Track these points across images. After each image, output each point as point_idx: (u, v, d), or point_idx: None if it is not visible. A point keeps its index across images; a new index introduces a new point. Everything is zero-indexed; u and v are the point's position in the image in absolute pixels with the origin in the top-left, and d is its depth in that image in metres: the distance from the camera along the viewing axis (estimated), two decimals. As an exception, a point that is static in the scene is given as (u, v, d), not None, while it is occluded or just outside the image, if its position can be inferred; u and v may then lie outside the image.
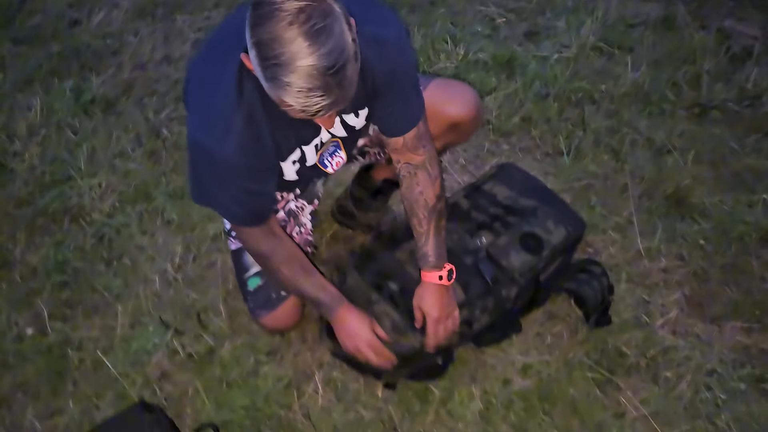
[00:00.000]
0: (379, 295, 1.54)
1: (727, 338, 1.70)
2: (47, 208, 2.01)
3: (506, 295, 1.59)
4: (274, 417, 1.55)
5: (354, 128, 1.38)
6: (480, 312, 1.57)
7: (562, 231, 1.68)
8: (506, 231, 1.66)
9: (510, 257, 1.61)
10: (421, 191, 1.39)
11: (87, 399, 1.59)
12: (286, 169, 1.34)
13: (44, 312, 1.75)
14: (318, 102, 0.95)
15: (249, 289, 1.59)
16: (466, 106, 1.51)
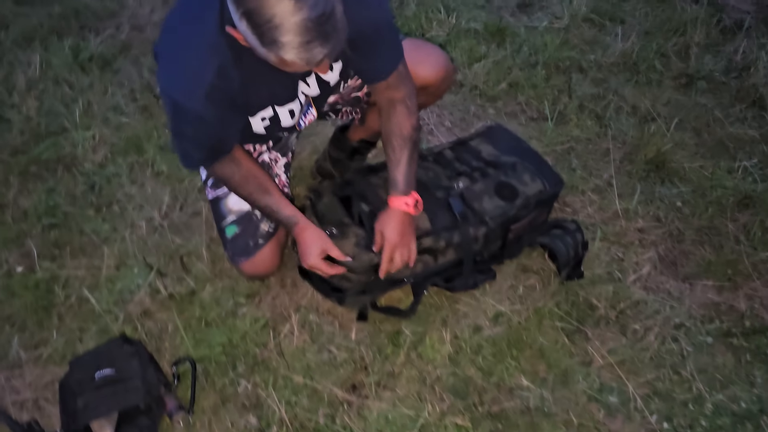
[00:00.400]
0: (350, 218, 1.60)
1: (698, 295, 1.73)
2: (41, 157, 2.07)
3: (474, 234, 1.63)
4: (249, 354, 1.60)
5: (328, 84, 1.43)
6: (445, 244, 1.61)
7: (538, 184, 1.72)
8: (483, 179, 1.71)
9: (483, 201, 1.66)
10: (397, 122, 1.45)
11: (71, 332, 1.64)
12: (254, 123, 1.40)
13: (33, 251, 1.80)
14: (319, 51, 1.00)
15: (227, 237, 1.63)
16: (436, 68, 1.56)
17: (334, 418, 1.49)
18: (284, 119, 1.43)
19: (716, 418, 1.49)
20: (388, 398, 1.52)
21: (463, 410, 1.50)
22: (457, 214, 1.62)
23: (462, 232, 1.62)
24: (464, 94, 2.29)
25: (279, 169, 1.67)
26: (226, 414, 1.50)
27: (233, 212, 1.63)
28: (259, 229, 1.63)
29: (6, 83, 2.31)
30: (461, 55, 2.40)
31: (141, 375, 1.46)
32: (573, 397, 1.53)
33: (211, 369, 1.57)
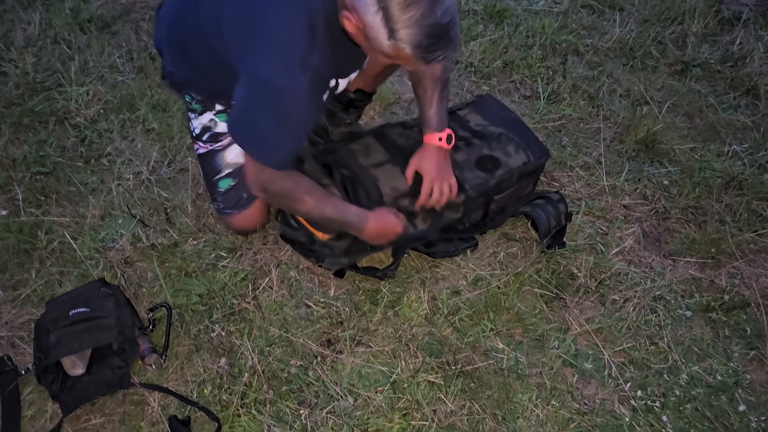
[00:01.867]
0: (330, 180, 1.61)
1: (680, 271, 1.73)
2: (34, 109, 2.08)
3: (453, 201, 1.63)
4: (227, 305, 1.60)
5: None
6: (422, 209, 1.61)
7: (522, 156, 1.72)
8: (467, 149, 1.72)
9: (463, 171, 1.67)
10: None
11: (51, 276, 1.65)
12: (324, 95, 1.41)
13: (19, 197, 1.81)
14: (440, 54, 1.09)
15: (220, 190, 1.64)
16: None
17: (306, 370, 1.49)
18: (340, 88, 1.46)
19: (690, 389, 1.49)
20: (362, 354, 1.52)
21: (436, 368, 1.49)
22: None
23: None
24: (459, 71, 2.30)
25: None
26: (198, 359, 1.49)
27: (230, 165, 1.64)
28: None
29: (5, 39, 2.33)
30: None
31: (116, 315, 1.46)
32: (548, 361, 1.52)
33: (188, 316, 1.57)
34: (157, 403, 1.43)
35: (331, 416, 1.41)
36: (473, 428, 1.40)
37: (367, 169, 1.63)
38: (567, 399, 1.46)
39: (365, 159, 1.65)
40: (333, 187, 1.57)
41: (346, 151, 1.66)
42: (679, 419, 1.43)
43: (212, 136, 1.65)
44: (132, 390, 1.45)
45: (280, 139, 1.29)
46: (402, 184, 1.60)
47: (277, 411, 1.42)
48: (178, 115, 2.07)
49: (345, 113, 1.86)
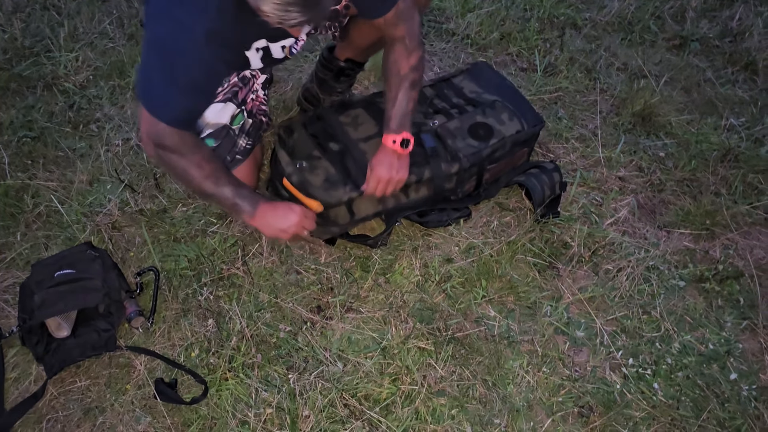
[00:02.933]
0: (320, 151, 1.58)
1: (674, 242, 1.71)
2: (22, 74, 2.04)
3: (446, 171, 1.61)
4: (215, 270, 1.58)
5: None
6: (416, 179, 1.58)
7: (515, 124, 1.70)
8: (460, 116, 1.69)
9: (456, 139, 1.64)
10: (394, 60, 1.45)
11: (36, 239, 1.62)
12: (251, 57, 1.39)
13: (5, 160, 1.78)
14: (296, 17, 1.03)
15: None
16: None
17: (296, 335, 1.47)
18: (276, 52, 1.43)
19: (682, 357, 1.48)
20: (352, 320, 1.51)
21: (427, 334, 1.48)
22: (428, 150, 1.60)
23: (433, 167, 1.59)
24: (455, 42, 2.27)
25: (258, 85, 1.65)
26: (186, 323, 1.48)
27: (210, 125, 1.60)
28: (236, 144, 1.61)
29: (-7, 5, 2.29)
30: (455, 5, 2.37)
31: (102, 277, 1.44)
32: (539, 329, 1.51)
33: (176, 281, 1.55)
34: (143, 366, 1.41)
35: (320, 380, 1.39)
36: (463, 394, 1.39)
37: (357, 143, 1.60)
38: (558, 366, 1.45)
39: (354, 131, 1.63)
40: (323, 159, 1.55)
41: (336, 122, 1.63)
42: (670, 387, 1.42)
43: None
44: (118, 353, 1.43)
45: (170, 94, 1.26)
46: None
47: (265, 375, 1.40)
48: (169, 82, 2.03)
49: (336, 82, 1.83)
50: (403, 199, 1.61)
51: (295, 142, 1.58)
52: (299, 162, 1.54)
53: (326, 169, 1.54)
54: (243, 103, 1.61)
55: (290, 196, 1.60)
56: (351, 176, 1.53)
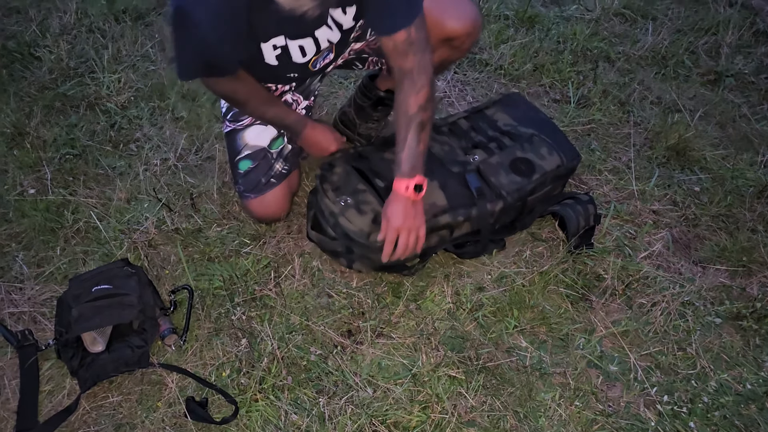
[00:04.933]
0: (366, 186, 1.58)
1: (710, 278, 1.69)
2: (66, 94, 2.10)
3: (491, 209, 1.61)
4: (248, 290, 1.59)
5: (341, 26, 1.42)
6: (462, 219, 1.59)
7: (555, 159, 1.70)
8: (500, 152, 1.69)
9: (499, 176, 1.64)
10: (402, 99, 1.40)
11: (75, 254, 1.65)
12: (265, 51, 1.39)
13: (48, 176, 1.82)
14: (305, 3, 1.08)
15: (240, 171, 1.64)
16: (464, 20, 1.52)
17: (326, 359, 1.47)
18: (294, 54, 1.43)
19: (719, 396, 1.44)
20: (382, 345, 1.50)
21: (457, 363, 1.47)
22: (474, 191, 1.60)
23: (479, 207, 1.60)
24: (488, 73, 2.29)
25: (299, 111, 1.67)
26: (218, 342, 1.48)
27: (249, 146, 1.64)
28: (272, 167, 1.64)
29: (41, 26, 2.37)
30: (489, 36, 2.40)
31: (138, 294, 1.46)
32: (572, 362, 1.49)
33: (209, 300, 1.57)
34: (174, 384, 1.42)
35: (350, 405, 1.39)
36: (494, 425, 1.37)
37: None
38: (591, 400, 1.43)
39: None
40: (368, 194, 1.56)
41: (381, 160, 1.64)
42: (706, 426, 1.39)
43: (234, 115, 1.66)
44: (150, 370, 1.44)
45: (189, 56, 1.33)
46: (439, 200, 1.57)
47: (295, 398, 1.40)
48: (207, 105, 2.08)
49: (373, 110, 1.85)
50: (447, 237, 1.62)
51: (338, 178, 1.59)
52: (344, 198, 1.55)
53: (374, 207, 1.54)
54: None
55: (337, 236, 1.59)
56: None
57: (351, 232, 1.54)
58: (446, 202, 1.58)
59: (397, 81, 1.42)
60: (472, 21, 1.54)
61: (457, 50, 1.61)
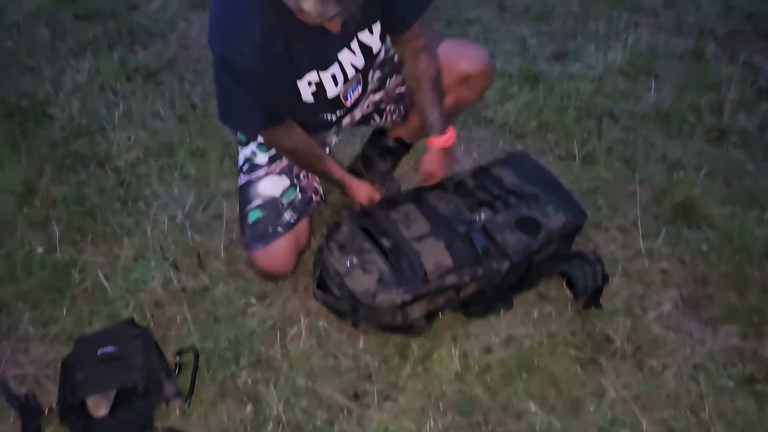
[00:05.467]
0: (372, 245, 1.59)
1: (721, 339, 1.66)
2: (77, 151, 2.14)
3: (497, 269, 1.61)
4: (254, 352, 1.58)
5: (371, 50, 1.50)
6: (468, 279, 1.58)
7: (561, 217, 1.70)
8: (505, 210, 1.69)
9: (505, 234, 1.64)
10: (426, 67, 1.56)
11: (81, 314, 1.65)
12: (302, 88, 1.45)
13: (56, 235, 1.83)
14: (333, 8, 1.12)
15: (248, 222, 1.66)
16: (477, 60, 1.65)
17: (332, 423, 1.45)
18: (329, 86, 1.49)
19: (735, 464, 1.41)
20: (389, 409, 1.48)
21: (466, 428, 1.44)
22: (480, 250, 1.60)
23: (485, 267, 1.59)
24: (494, 130, 2.32)
25: None
26: (223, 407, 1.46)
27: (260, 197, 1.66)
28: (281, 216, 1.66)
29: (54, 84, 2.42)
30: (493, 94, 2.44)
31: (143, 356, 1.45)
32: (582, 427, 1.46)
33: (214, 362, 1.55)
34: (178, 450, 1.39)
35: (356, 473, 1.36)
36: (504, 495, 1.34)
37: (410, 242, 1.59)
38: (603, 468, 1.39)
39: (407, 230, 1.62)
40: (374, 253, 1.56)
41: (387, 219, 1.64)
42: (723, 497, 1.35)
43: (251, 167, 1.69)
44: (154, 435, 1.42)
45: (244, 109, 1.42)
46: (446, 261, 1.57)
47: (300, 465, 1.37)
48: (216, 162, 2.11)
49: (381, 160, 1.88)
50: (454, 298, 1.61)
51: (344, 237, 1.60)
52: (349, 257, 1.56)
53: (379, 267, 1.54)
54: (297, 178, 1.68)
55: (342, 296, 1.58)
56: (405, 278, 1.53)
57: (357, 293, 1.54)
58: (452, 262, 1.58)
59: (411, 57, 1.58)
60: (485, 61, 1.68)
61: (472, 90, 1.71)
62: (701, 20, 2.97)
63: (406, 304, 1.54)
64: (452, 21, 2.97)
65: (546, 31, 2.91)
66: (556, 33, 2.89)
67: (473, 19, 2.99)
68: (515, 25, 2.95)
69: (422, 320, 1.61)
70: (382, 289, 1.52)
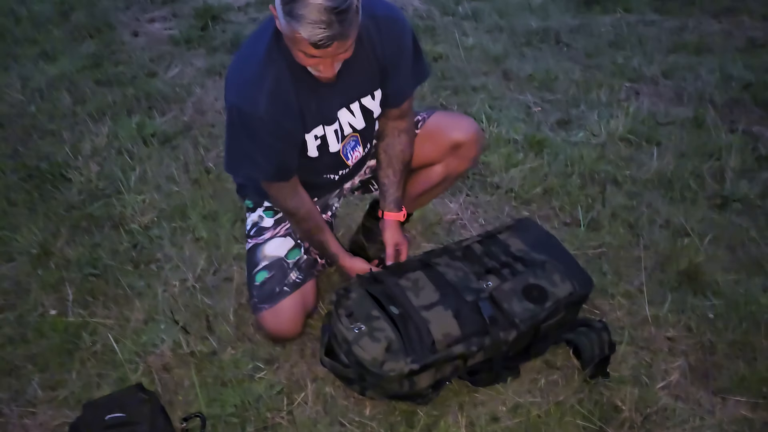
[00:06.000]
0: (380, 312, 1.60)
1: (730, 410, 1.65)
2: (93, 214, 2.19)
3: (504, 338, 1.61)
4: (260, 418, 1.58)
5: (372, 113, 1.58)
6: (476, 348, 1.59)
7: (568, 286, 1.72)
8: (513, 278, 1.71)
9: (512, 303, 1.65)
10: (402, 150, 1.69)
11: (90, 377, 1.66)
12: (309, 142, 1.53)
13: (69, 297, 1.87)
14: (322, 32, 1.19)
15: (256, 283, 1.69)
16: (467, 130, 1.74)
17: (338, 494, 1.44)
18: (331, 141, 1.57)
19: None
20: (396, 480, 1.46)
21: (473, 501, 1.42)
22: (487, 319, 1.61)
23: (492, 336, 1.60)
24: (499, 196, 2.36)
25: None
26: (228, 475, 1.46)
27: (267, 258, 1.71)
28: (287, 276, 1.69)
29: (74, 149, 2.51)
30: (499, 159, 2.50)
31: (150, 422, 1.45)
32: (592, 501, 1.44)
33: (220, 428, 1.55)
34: None
35: None
36: None
37: (419, 311, 1.61)
38: None
39: (416, 298, 1.63)
40: (382, 320, 1.58)
41: (395, 286, 1.66)
42: None
43: (258, 231, 1.75)
44: (158, 504, 1.40)
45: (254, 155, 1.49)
46: (454, 330, 1.58)
47: None
48: (227, 226, 2.15)
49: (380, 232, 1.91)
50: (462, 367, 1.62)
51: (354, 303, 1.62)
52: (357, 326, 1.57)
53: (387, 335, 1.55)
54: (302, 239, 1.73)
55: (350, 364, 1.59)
56: (413, 346, 1.54)
57: (364, 361, 1.54)
58: (460, 332, 1.59)
59: (392, 133, 1.68)
60: (474, 130, 1.77)
61: (464, 159, 1.78)
62: (700, 89, 3.06)
63: (413, 373, 1.54)
64: (458, 89, 3.07)
65: (550, 98, 3.00)
66: (560, 101, 2.97)
67: (479, 87, 3.09)
68: (520, 92, 3.04)
69: (429, 389, 1.61)
70: (390, 357, 1.52)
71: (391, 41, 1.48)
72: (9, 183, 2.33)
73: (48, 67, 3.19)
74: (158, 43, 3.59)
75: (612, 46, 3.60)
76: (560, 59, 3.45)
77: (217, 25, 3.83)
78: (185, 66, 3.25)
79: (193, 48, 3.54)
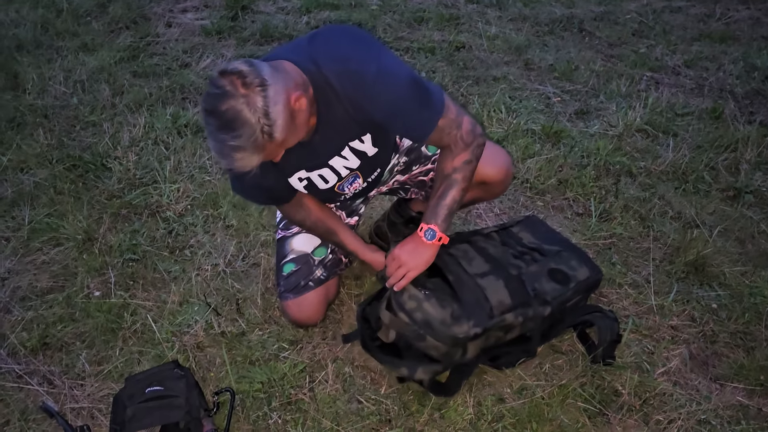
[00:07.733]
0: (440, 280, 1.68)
1: (727, 396, 1.74)
2: (132, 202, 2.35)
3: (541, 312, 1.70)
4: (285, 394, 1.72)
5: (365, 153, 1.60)
6: (522, 319, 1.67)
7: (585, 270, 1.80)
8: (535, 263, 1.80)
9: (542, 282, 1.75)
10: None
11: (131, 354, 1.83)
12: (294, 183, 1.62)
13: (112, 280, 2.03)
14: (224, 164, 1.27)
15: (283, 274, 1.82)
16: (500, 168, 1.77)
17: (354, 464, 1.57)
18: (318, 182, 1.63)
19: None
20: (407, 453, 1.60)
21: (477, 474, 1.55)
22: (531, 292, 1.70)
23: (534, 309, 1.69)
24: (515, 186, 2.45)
25: None
26: (255, 445, 1.61)
27: (294, 251, 1.83)
28: (312, 272, 1.82)
29: (113, 139, 2.67)
30: (516, 151, 2.58)
31: (185, 396, 1.61)
32: (588, 477, 1.55)
33: (248, 402, 1.70)
34: (214, 483, 1.53)
35: None
36: None
37: (474, 278, 1.68)
38: None
39: (469, 266, 1.71)
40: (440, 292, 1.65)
41: (447, 255, 1.72)
42: None
43: (286, 224, 1.88)
44: (193, 468, 1.56)
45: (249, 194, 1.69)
46: (506, 299, 1.67)
47: (323, 502, 1.50)
48: (255, 214, 2.29)
49: (405, 227, 2.03)
50: (503, 339, 1.71)
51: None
52: (423, 290, 1.65)
53: (449, 302, 1.63)
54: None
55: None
56: (473, 310, 1.62)
57: (434, 320, 1.60)
58: (511, 300, 1.67)
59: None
60: (505, 170, 1.79)
61: (488, 193, 1.85)
62: (722, 79, 3.08)
63: (476, 336, 1.62)
64: (480, 79, 3.14)
65: (569, 89, 3.05)
66: (579, 91, 3.03)
67: (500, 77, 3.16)
68: (540, 83, 3.10)
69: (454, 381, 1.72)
70: (454, 322, 1.62)
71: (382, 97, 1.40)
72: (56, 172, 2.50)
73: (88, 59, 3.36)
74: (190, 34, 3.73)
75: (635, 35, 3.63)
76: (582, 48, 3.49)
77: (247, 15, 3.96)
78: (216, 57, 3.38)
79: (224, 39, 3.67)
